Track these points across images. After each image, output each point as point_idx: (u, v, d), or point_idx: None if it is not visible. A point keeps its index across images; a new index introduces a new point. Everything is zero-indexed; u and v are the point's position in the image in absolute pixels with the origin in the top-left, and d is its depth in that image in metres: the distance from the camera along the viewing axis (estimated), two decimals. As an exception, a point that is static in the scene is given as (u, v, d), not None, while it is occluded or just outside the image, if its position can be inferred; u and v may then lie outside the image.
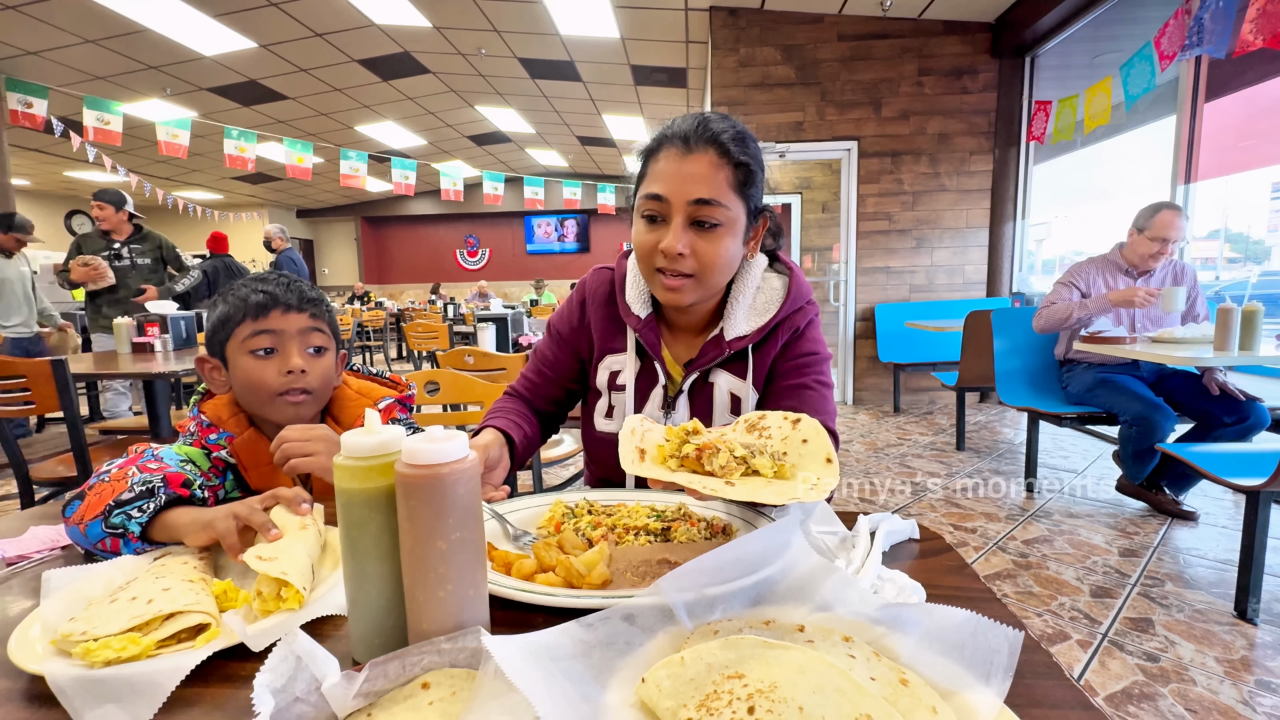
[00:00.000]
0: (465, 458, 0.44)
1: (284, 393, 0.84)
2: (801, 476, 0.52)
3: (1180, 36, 2.88)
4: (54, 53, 5.21)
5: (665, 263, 0.81)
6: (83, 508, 0.65)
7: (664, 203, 0.80)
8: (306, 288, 0.90)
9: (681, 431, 0.56)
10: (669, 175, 0.79)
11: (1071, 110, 3.82)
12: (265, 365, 0.85)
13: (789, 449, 0.55)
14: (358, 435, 0.45)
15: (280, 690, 0.36)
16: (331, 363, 0.91)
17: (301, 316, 0.87)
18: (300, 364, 0.85)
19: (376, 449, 0.45)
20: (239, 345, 0.85)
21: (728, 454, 0.53)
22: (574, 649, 0.40)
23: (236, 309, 0.85)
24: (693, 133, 0.80)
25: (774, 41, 4.47)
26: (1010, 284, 4.63)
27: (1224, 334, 1.98)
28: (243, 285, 0.87)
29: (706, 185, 0.79)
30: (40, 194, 10.35)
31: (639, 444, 0.56)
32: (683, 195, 0.78)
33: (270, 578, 0.53)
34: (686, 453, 0.54)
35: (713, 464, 0.53)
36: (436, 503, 0.43)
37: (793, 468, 0.54)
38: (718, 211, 0.79)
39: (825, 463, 0.52)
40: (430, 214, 12.45)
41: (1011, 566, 2.01)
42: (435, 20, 5.12)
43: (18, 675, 0.45)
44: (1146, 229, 2.41)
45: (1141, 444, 2.26)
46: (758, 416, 0.60)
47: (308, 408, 0.88)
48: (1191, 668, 1.47)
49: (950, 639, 0.40)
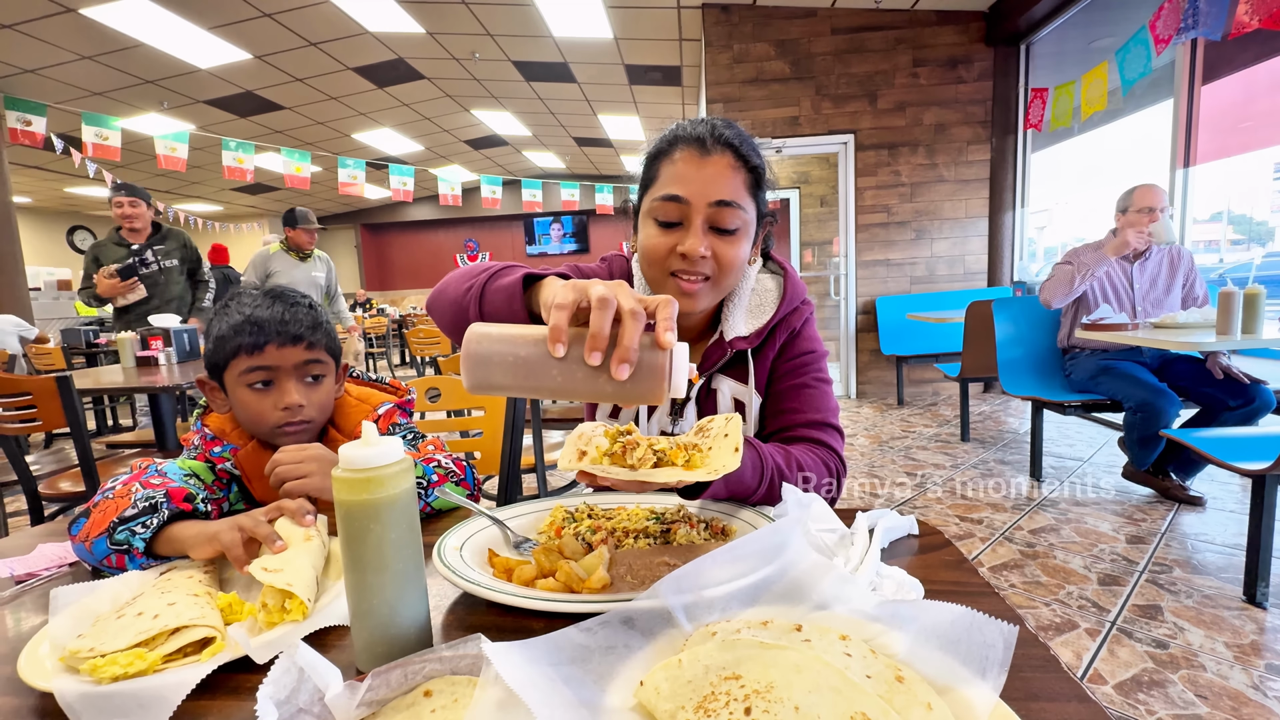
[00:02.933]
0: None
1: (282, 425, 0.84)
2: (707, 465, 0.57)
3: (1175, 20, 2.87)
4: (51, 70, 5.25)
5: (684, 265, 0.79)
6: (88, 525, 0.66)
7: (684, 204, 0.78)
8: (303, 312, 0.87)
9: (615, 432, 0.60)
10: (688, 177, 0.78)
11: (1068, 97, 3.80)
12: (262, 399, 0.84)
13: (714, 443, 0.58)
14: (355, 448, 0.46)
15: (284, 702, 0.37)
16: (330, 386, 0.90)
17: (297, 350, 0.84)
18: (298, 400, 0.84)
19: (374, 460, 0.45)
20: (235, 378, 0.84)
21: (645, 448, 0.57)
22: (573, 654, 0.41)
23: (230, 338, 0.82)
24: (708, 136, 0.79)
25: (767, 37, 4.47)
26: (1011, 273, 4.62)
27: (1226, 318, 1.97)
28: (237, 309, 0.84)
29: (727, 187, 0.78)
30: (41, 211, 10.41)
31: (582, 446, 0.60)
32: (704, 197, 0.77)
33: (275, 589, 0.53)
34: (615, 450, 0.58)
35: (632, 458, 0.57)
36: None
37: (704, 456, 0.57)
38: (737, 215, 0.79)
39: (733, 451, 0.56)
40: (429, 219, 12.48)
41: (1019, 556, 2.01)
42: (428, 26, 5.12)
43: (28, 693, 0.46)
44: (1130, 206, 2.47)
45: (1146, 430, 2.25)
46: (707, 420, 0.63)
47: (305, 436, 0.87)
48: (1201, 654, 1.46)
49: (946, 634, 0.40)
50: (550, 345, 0.49)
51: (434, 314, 0.81)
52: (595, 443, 0.59)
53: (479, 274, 0.75)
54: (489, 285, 0.72)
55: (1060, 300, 2.56)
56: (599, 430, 0.62)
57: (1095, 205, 4.74)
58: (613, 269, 0.96)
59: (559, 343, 0.49)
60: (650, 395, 0.51)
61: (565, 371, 0.50)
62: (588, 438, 0.61)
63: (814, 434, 0.85)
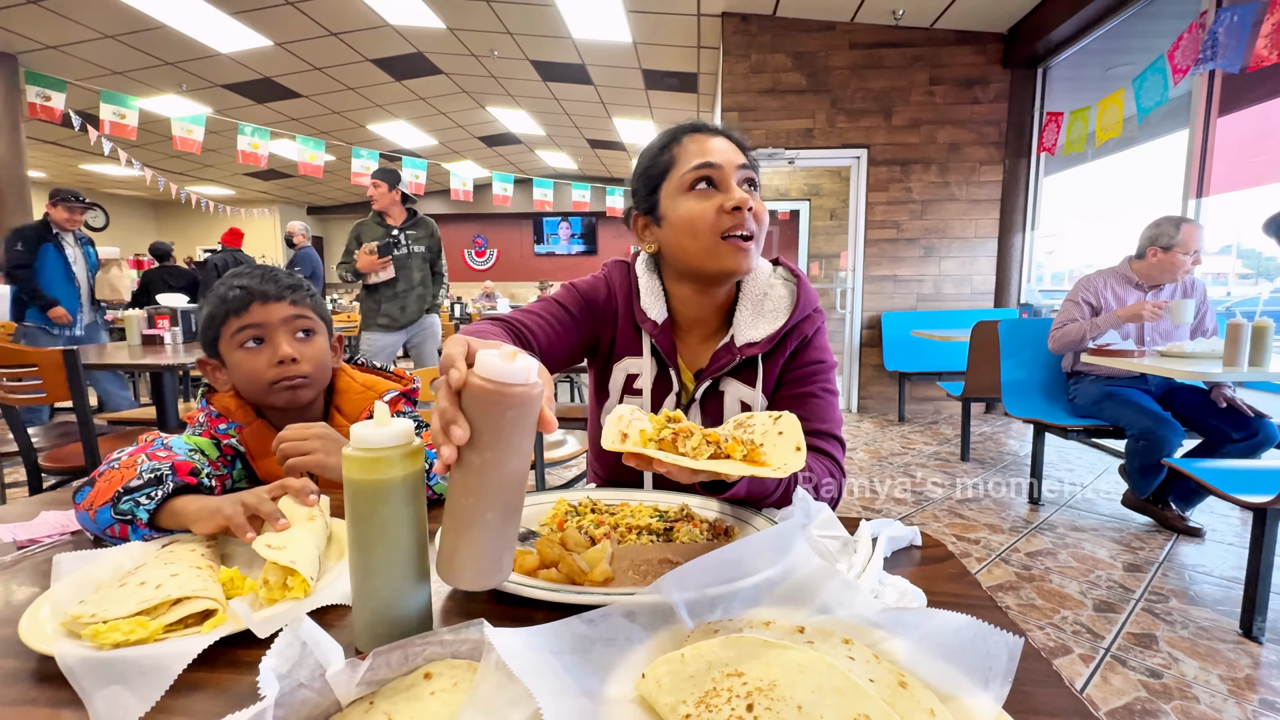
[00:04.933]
0: (525, 383, 0.43)
1: (279, 381, 0.86)
2: (769, 461, 0.55)
3: (1194, 51, 2.87)
4: (73, 47, 5.28)
5: (733, 221, 0.82)
6: (93, 494, 0.66)
7: (717, 168, 0.83)
8: (283, 275, 0.90)
9: (664, 418, 0.58)
10: (710, 149, 0.85)
11: (1083, 122, 3.81)
12: (256, 357, 0.86)
13: (766, 440, 0.57)
14: (367, 427, 0.46)
15: (285, 675, 0.37)
16: (324, 345, 0.92)
17: (281, 305, 0.87)
18: (290, 352, 0.86)
19: (385, 440, 0.46)
20: (228, 342, 0.86)
21: (700, 437, 0.56)
22: (575, 644, 0.41)
23: (218, 307, 0.86)
24: (705, 125, 0.88)
25: (785, 48, 4.48)
26: (1018, 295, 4.61)
27: (1234, 349, 1.97)
28: (220, 284, 0.88)
29: (741, 156, 0.86)
30: (55, 186, 10.47)
31: (624, 429, 0.58)
32: (731, 161, 0.84)
33: (277, 566, 0.53)
34: (664, 436, 0.56)
35: (685, 446, 0.55)
36: (483, 418, 0.43)
37: (764, 452, 0.56)
38: (757, 175, 0.86)
39: (795, 450, 0.54)
40: (440, 213, 12.50)
41: (1014, 578, 2.00)
42: (449, 21, 5.15)
43: (28, 655, 0.46)
44: (1176, 245, 2.37)
45: (1148, 458, 2.24)
46: (746, 416, 0.62)
47: (306, 392, 0.89)
48: (1195, 685, 1.45)
49: (950, 643, 0.40)
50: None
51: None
52: (637, 426, 0.58)
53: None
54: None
55: (1067, 351, 2.59)
56: (640, 414, 0.61)
57: (1106, 231, 4.73)
58: (611, 280, 0.96)
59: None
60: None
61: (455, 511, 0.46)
62: (628, 420, 0.59)
63: (817, 443, 0.85)
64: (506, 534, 0.46)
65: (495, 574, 0.47)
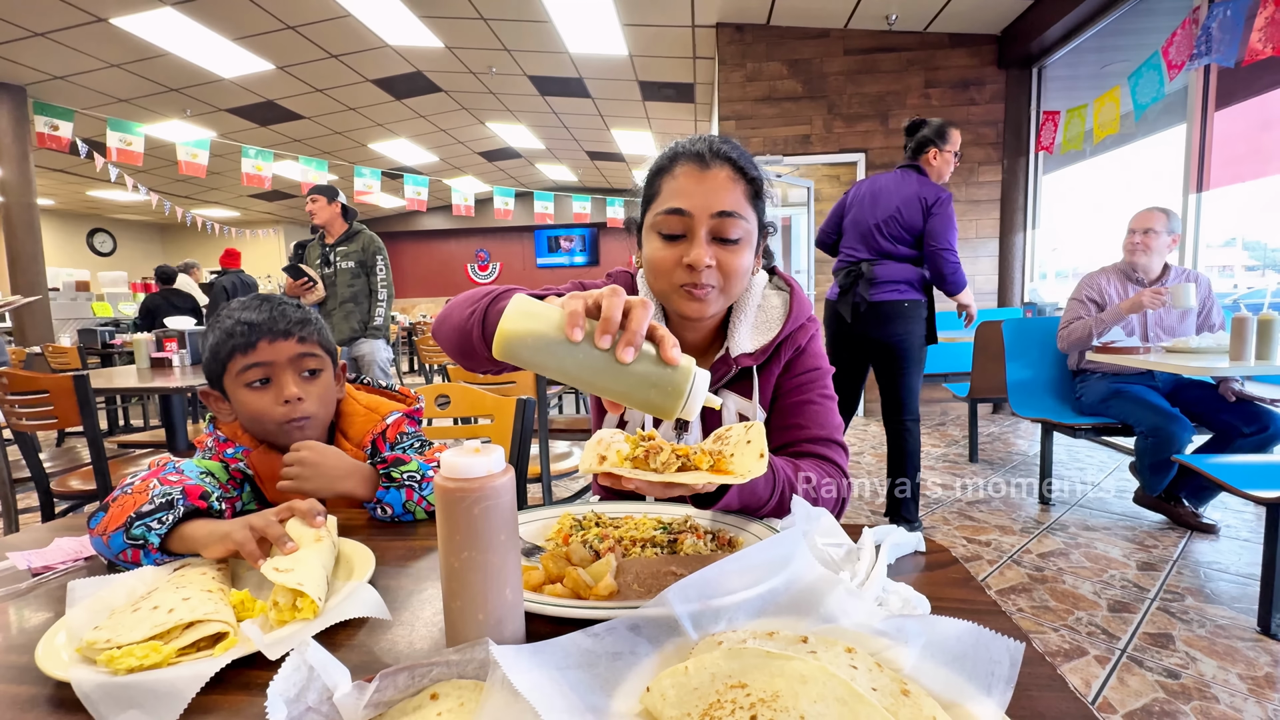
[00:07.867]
0: (486, 475, 0.45)
1: (285, 421, 0.86)
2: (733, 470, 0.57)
3: (1188, 46, 2.88)
4: (80, 77, 5.39)
5: (689, 278, 0.81)
6: (106, 519, 0.67)
7: (686, 217, 0.80)
8: (291, 309, 0.89)
9: (639, 438, 0.60)
10: (689, 190, 0.80)
11: (1080, 120, 3.82)
12: (262, 396, 0.85)
13: (737, 450, 0.58)
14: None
15: (293, 699, 0.37)
16: (329, 382, 0.92)
17: (290, 343, 0.86)
18: (296, 392, 0.85)
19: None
20: (234, 379, 0.86)
21: (669, 453, 0.58)
22: (580, 659, 0.41)
23: (224, 342, 0.85)
24: (707, 150, 0.82)
25: (780, 56, 4.52)
26: (1021, 294, 4.60)
27: (1239, 343, 1.96)
28: (227, 315, 0.86)
29: (728, 197, 0.80)
30: (63, 213, 10.62)
31: (602, 452, 0.61)
32: (705, 209, 0.79)
33: (286, 588, 0.54)
34: (638, 455, 0.58)
35: (655, 462, 0.57)
36: (452, 518, 0.44)
37: (728, 461, 0.57)
38: (739, 224, 0.80)
39: (759, 457, 0.56)
40: (442, 229, 12.61)
41: (1027, 580, 1.98)
42: (447, 40, 5.22)
43: (45, 682, 0.47)
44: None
45: (1158, 455, 2.23)
46: (724, 429, 0.64)
47: (311, 430, 0.89)
48: (1214, 685, 1.44)
49: (952, 650, 0.40)
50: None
51: (440, 339, 0.83)
52: (616, 448, 0.60)
53: (481, 299, 0.77)
54: (490, 309, 0.74)
55: (1077, 349, 2.59)
56: (618, 436, 0.63)
57: (1107, 227, 4.73)
58: (617, 285, 0.97)
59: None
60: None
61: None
62: (607, 443, 0.61)
63: (819, 449, 0.86)
64: (506, 629, 0.47)
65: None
